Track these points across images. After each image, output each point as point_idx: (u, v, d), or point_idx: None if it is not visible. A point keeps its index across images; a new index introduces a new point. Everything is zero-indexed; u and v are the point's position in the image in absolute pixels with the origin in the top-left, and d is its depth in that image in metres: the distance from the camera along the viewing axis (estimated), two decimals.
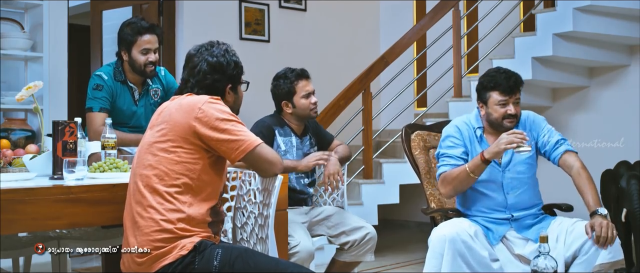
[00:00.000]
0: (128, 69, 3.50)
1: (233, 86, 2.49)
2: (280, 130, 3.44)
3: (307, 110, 3.44)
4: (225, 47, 2.51)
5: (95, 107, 3.42)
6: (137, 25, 3.45)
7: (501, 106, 3.03)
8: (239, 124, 2.33)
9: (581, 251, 2.81)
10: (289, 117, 3.48)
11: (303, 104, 3.43)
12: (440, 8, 5.44)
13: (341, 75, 5.73)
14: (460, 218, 3.02)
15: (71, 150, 2.58)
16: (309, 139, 3.56)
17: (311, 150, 3.54)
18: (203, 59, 2.44)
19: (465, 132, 3.11)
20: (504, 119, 3.03)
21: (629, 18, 5.08)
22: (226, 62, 2.45)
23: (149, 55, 3.45)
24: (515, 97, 3.04)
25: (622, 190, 4.05)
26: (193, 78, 2.43)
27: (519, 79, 3.08)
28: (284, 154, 3.42)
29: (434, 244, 2.85)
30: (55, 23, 4.42)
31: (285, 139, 3.44)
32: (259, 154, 2.33)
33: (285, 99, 3.44)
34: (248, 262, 2.22)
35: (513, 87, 3.03)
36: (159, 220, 2.20)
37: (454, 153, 3.07)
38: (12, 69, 4.46)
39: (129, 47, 3.44)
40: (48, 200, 2.27)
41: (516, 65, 5.15)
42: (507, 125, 3.03)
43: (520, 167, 3.05)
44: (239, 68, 2.51)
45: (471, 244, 2.82)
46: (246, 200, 2.58)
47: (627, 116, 5.32)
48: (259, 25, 5.99)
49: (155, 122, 2.39)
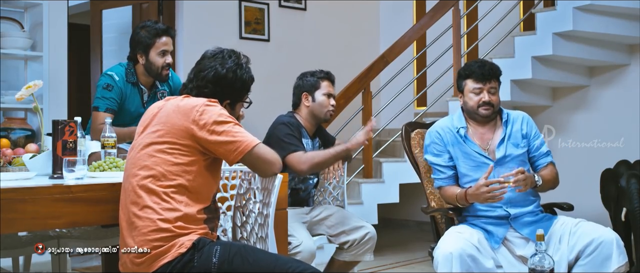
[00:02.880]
0: (141, 72, 3.49)
1: (232, 102, 2.47)
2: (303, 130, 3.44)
3: (325, 109, 3.45)
4: (242, 61, 2.46)
5: (101, 106, 3.41)
6: (154, 28, 3.44)
7: (475, 94, 3.06)
8: (236, 125, 2.32)
9: (584, 252, 2.80)
10: (304, 114, 3.47)
11: (323, 101, 3.44)
12: (440, 7, 5.44)
13: (341, 75, 5.68)
14: (461, 227, 2.99)
15: (71, 149, 2.58)
16: (318, 142, 3.57)
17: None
18: (212, 67, 2.41)
19: (447, 136, 3.12)
20: (479, 107, 3.05)
21: (628, 17, 5.08)
22: (234, 78, 2.42)
23: (167, 57, 3.46)
24: (490, 86, 3.05)
25: (621, 190, 4.04)
26: (196, 81, 2.42)
27: (495, 67, 3.10)
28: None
29: (443, 264, 2.78)
30: (55, 22, 4.42)
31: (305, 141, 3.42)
32: (258, 154, 2.33)
33: (307, 91, 3.44)
34: (247, 258, 2.21)
35: (487, 75, 3.05)
36: (156, 220, 2.20)
37: (441, 163, 3.11)
38: (12, 68, 4.46)
39: (146, 49, 3.43)
40: (48, 200, 2.27)
41: (516, 65, 5.16)
42: (483, 113, 3.06)
43: (513, 163, 3.05)
44: (245, 87, 2.48)
45: (477, 257, 2.80)
46: (246, 199, 2.58)
47: (627, 115, 5.32)
48: (259, 24, 5.99)
49: (150, 123, 2.37)
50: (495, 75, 3.08)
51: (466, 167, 3.08)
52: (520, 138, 3.10)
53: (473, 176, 3.04)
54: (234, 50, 2.48)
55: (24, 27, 4.49)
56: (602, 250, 2.77)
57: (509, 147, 3.05)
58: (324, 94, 3.44)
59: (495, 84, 3.08)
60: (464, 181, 3.09)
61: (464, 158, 3.08)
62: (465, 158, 3.08)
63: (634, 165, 4.25)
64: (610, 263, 2.76)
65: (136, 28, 3.52)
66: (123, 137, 3.35)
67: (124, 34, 5.50)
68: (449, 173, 3.10)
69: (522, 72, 5.17)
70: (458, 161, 3.09)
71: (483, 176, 2.88)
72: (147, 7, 5.60)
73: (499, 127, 3.13)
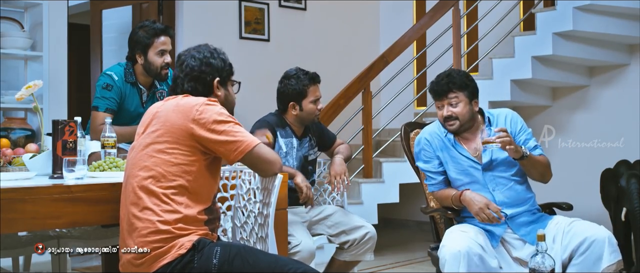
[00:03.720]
0: (140, 72, 3.48)
1: (221, 81, 2.49)
2: (282, 131, 3.43)
3: (312, 115, 3.44)
4: (214, 48, 2.53)
5: (101, 106, 3.41)
6: (152, 28, 3.44)
7: (439, 109, 3.07)
8: (236, 125, 2.32)
9: (578, 251, 2.78)
10: (291, 118, 3.46)
11: (310, 108, 3.41)
12: (440, 7, 5.44)
13: (341, 74, 5.72)
14: (464, 226, 2.99)
15: (71, 149, 2.58)
16: (308, 141, 3.55)
17: (310, 152, 3.54)
18: (190, 55, 2.48)
19: (436, 141, 3.11)
20: (445, 122, 3.05)
21: (628, 17, 5.08)
22: (213, 57, 2.48)
23: (165, 57, 3.45)
24: (448, 100, 3.02)
25: (621, 190, 4.04)
26: (182, 73, 2.46)
27: (453, 77, 3.03)
28: (284, 155, 3.41)
29: (450, 263, 2.76)
30: (55, 22, 4.42)
31: (287, 141, 3.43)
32: (258, 154, 2.33)
33: (294, 101, 3.41)
34: (247, 258, 2.21)
35: (440, 91, 3.03)
36: (156, 221, 2.20)
37: (431, 169, 3.12)
38: (12, 68, 4.46)
39: (145, 49, 3.42)
40: (48, 199, 2.27)
41: (516, 65, 5.16)
42: (449, 128, 3.06)
43: (501, 167, 3.04)
44: (227, 65, 2.53)
45: (484, 256, 2.79)
46: (246, 199, 2.58)
47: (627, 115, 5.32)
48: (259, 24, 5.99)
49: (150, 123, 2.38)
50: (451, 87, 3.01)
51: (455, 172, 3.07)
52: None
53: (463, 180, 3.04)
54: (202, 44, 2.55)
55: (24, 27, 4.49)
56: (594, 249, 2.75)
57: (495, 151, 3.01)
58: (311, 102, 3.41)
59: (457, 94, 3.01)
60: (455, 185, 3.09)
61: (453, 162, 3.07)
62: (454, 162, 3.07)
63: (634, 165, 4.24)
64: (601, 262, 2.75)
65: (135, 28, 3.51)
66: (124, 137, 3.35)
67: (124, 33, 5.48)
68: (440, 179, 3.11)
69: (522, 72, 5.17)
70: (447, 166, 3.08)
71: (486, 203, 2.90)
72: (147, 7, 5.60)
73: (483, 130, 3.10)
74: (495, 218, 2.87)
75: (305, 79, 3.40)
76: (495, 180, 3.02)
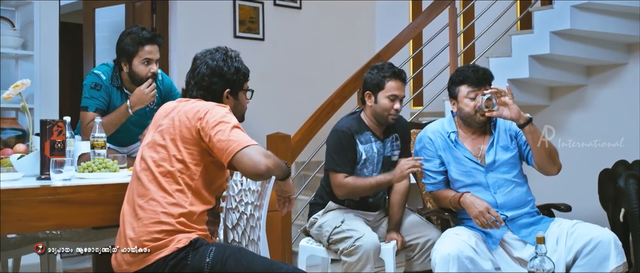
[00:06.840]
0: (126, 79, 3.39)
1: (232, 91, 2.48)
2: (361, 136, 3.22)
3: (386, 112, 3.20)
4: (230, 53, 2.51)
5: (90, 106, 3.34)
6: (138, 36, 3.32)
7: (471, 99, 3.02)
8: (235, 128, 2.30)
9: (583, 252, 2.78)
10: (368, 115, 3.26)
11: (384, 103, 3.19)
12: (436, 6, 5.40)
13: (336, 74, 5.68)
14: (458, 229, 2.96)
15: (59, 149, 2.54)
16: (390, 141, 3.31)
17: (395, 152, 3.32)
18: (203, 62, 2.47)
19: (438, 141, 3.09)
20: (477, 112, 3.01)
21: (627, 16, 5.04)
22: (226, 66, 2.46)
23: (151, 66, 3.34)
24: (484, 89, 3.02)
25: (620, 190, 4.02)
26: (193, 80, 2.48)
27: (488, 72, 3.08)
28: (363, 163, 3.22)
29: (440, 266, 2.76)
30: (46, 21, 4.39)
31: (366, 147, 3.23)
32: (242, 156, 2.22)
33: (371, 91, 3.22)
34: (241, 260, 2.22)
35: (481, 79, 3.03)
36: (160, 212, 2.23)
37: (431, 168, 3.10)
38: (3, 67, 4.42)
39: (129, 58, 3.32)
40: (34, 201, 2.25)
41: (513, 64, 5.12)
42: (481, 119, 3.03)
43: (503, 168, 3.03)
44: (241, 74, 2.51)
45: (475, 258, 2.78)
46: (237, 201, 2.55)
47: (625, 114, 5.29)
48: (254, 23, 5.94)
49: (162, 121, 2.40)
50: (488, 79, 3.05)
51: (457, 172, 3.05)
52: (509, 140, 3.08)
53: (465, 181, 3.03)
54: (220, 46, 2.54)
55: (15, 25, 4.45)
56: (599, 250, 2.76)
57: (499, 151, 3.02)
58: (388, 97, 3.19)
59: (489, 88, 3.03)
60: (455, 186, 3.06)
61: (455, 163, 3.05)
62: (456, 163, 3.05)
63: (633, 165, 4.22)
64: (608, 263, 2.75)
65: (121, 34, 3.41)
66: (112, 123, 3.27)
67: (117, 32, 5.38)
68: (439, 179, 3.09)
69: (519, 71, 5.13)
70: (449, 166, 3.06)
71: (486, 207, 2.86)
72: (140, 6, 5.54)
73: (488, 131, 3.09)
74: (495, 223, 2.85)
75: (387, 72, 3.21)
76: (498, 182, 3.00)
